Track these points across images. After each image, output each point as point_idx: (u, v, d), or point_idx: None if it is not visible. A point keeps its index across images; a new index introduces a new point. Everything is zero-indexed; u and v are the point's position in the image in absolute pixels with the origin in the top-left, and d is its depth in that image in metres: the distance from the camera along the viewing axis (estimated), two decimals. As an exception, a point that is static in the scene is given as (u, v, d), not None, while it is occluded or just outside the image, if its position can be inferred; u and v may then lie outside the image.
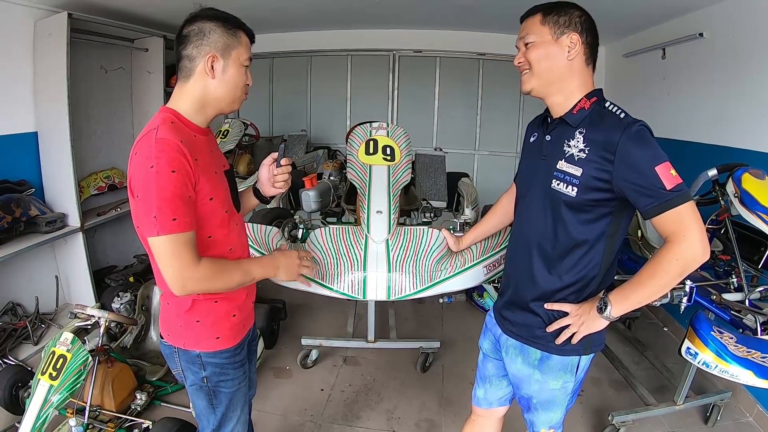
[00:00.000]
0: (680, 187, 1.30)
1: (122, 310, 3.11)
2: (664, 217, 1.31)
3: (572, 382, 1.60)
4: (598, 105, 1.43)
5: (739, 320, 2.11)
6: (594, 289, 1.52)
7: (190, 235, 1.29)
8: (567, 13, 1.42)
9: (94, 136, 4.08)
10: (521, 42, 1.48)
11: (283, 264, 1.61)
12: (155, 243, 1.26)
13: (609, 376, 3.18)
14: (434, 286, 2.32)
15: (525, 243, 1.60)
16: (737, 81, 3.17)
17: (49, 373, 2.18)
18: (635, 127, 1.33)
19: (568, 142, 1.42)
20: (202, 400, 1.57)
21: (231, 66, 1.38)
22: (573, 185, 1.40)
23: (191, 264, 1.29)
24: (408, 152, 2.92)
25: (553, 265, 1.52)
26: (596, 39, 1.47)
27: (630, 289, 1.42)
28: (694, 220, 1.30)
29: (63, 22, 3.16)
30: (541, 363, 1.59)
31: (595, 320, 1.46)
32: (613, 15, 3.75)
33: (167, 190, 1.24)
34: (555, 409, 1.66)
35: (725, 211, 2.34)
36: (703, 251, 1.30)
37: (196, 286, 1.33)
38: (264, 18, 4.64)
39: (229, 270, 1.42)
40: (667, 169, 1.30)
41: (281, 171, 1.67)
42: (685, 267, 1.32)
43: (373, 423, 2.77)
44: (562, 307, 1.52)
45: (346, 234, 2.47)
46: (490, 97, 5.77)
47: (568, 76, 1.44)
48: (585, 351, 1.56)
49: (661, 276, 1.35)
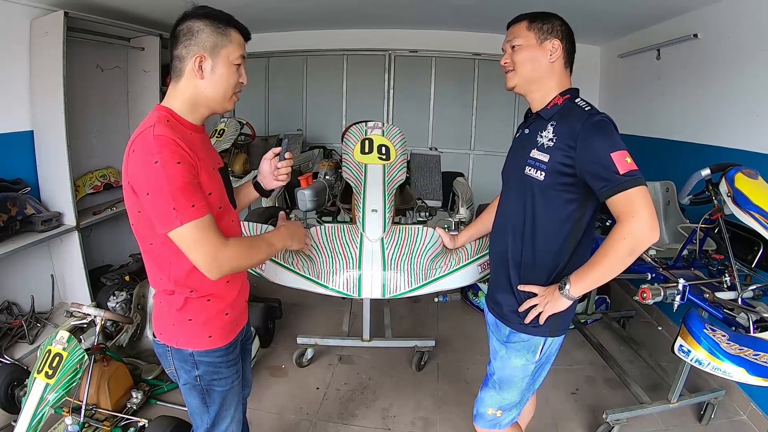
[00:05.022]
0: (633, 173, 1.40)
1: (118, 309, 3.11)
2: (616, 198, 1.41)
3: (533, 364, 1.72)
4: (570, 101, 1.57)
5: (732, 318, 2.12)
6: (561, 270, 1.64)
7: (210, 218, 1.31)
8: (550, 22, 1.59)
9: (90, 135, 4.07)
10: (508, 45, 1.66)
11: (294, 232, 1.71)
12: (181, 233, 1.27)
13: (603, 374, 3.20)
14: (429, 284, 2.33)
15: (502, 227, 1.77)
16: (731, 81, 3.19)
17: (45, 372, 2.18)
18: (596, 118, 1.47)
19: (540, 134, 1.58)
20: (196, 399, 1.57)
21: (220, 65, 1.37)
22: (542, 170, 1.55)
23: (221, 244, 1.32)
24: (403, 151, 2.93)
25: (525, 247, 1.66)
26: (573, 46, 1.64)
27: (586, 269, 1.53)
28: (643, 202, 1.39)
29: (59, 21, 3.15)
30: (508, 340, 1.73)
31: (558, 300, 1.58)
32: (608, 16, 3.76)
33: (177, 180, 1.24)
34: (511, 389, 1.78)
35: (718, 210, 2.35)
36: (650, 231, 1.39)
37: (230, 264, 1.35)
38: (260, 17, 4.63)
39: (257, 244, 1.49)
40: (623, 156, 1.41)
41: (285, 164, 1.71)
42: (634, 245, 1.41)
43: (368, 421, 2.77)
44: (532, 288, 1.65)
45: (341, 232, 2.48)
46: (485, 97, 5.79)
47: (548, 77, 1.60)
48: (550, 333, 1.68)
49: (612, 254, 1.44)
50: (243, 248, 1.40)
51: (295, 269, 2.38)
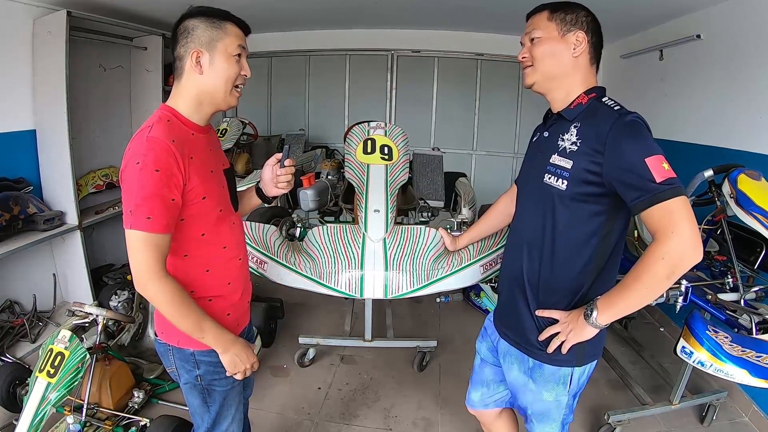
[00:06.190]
0: (672, 180, 1.21)
1: (120, 308, 3.12)
2: (652, 211, 1.22)
3: (566, 396, 1.54)
4: (595, 100, 1.41)
5: (734, 320, 2.12)
6: (585, 293, 1.45)
7: (161, 238, 1.27)
8: (574, 12, 1.43)
9: (92, 134, 4.08)
10: (527, 37, 1.48)
11: (237, 353, 1.47)
12: (127, 236, 1.27)
13: (605, 375, 3.19)
14: (431, 285, 2.33)
15: (518, 243, 1.57)
16: (734, 82, 3.18)
17: (46, 371, 2.18)
18: (628, 118, 1.29)
19: (562, 136, 1.40)
20: (197, 399, 1.57)
21: (218, 58, 1.36)
22: (564, 178, 1.36)
23: (155, 272, 1.28)
24: (405, 152, 2.93)
25: (543, 267, 1.47)
26: (601, 39, 1.47)
27: (616, 294, 1.34)
28: (685, 216, 1.19)
29: (62, 20, 3.15)
30: (533, 372, 1.55)
31: (584, 328, 1.39)
32: (610, 16, 3.72)
33: (147, 188, 1.24)
34: (550, 422, 1.61)
35: (721, 211, 2.35)
36: (693, 250, 1.19)
37: (153, 294, 1.30)
38: (262, 17, 4.64)
39: (188, 310, 1.35)
40: (659, 161, 1.22)
41: (285, 172, 1.64)
42: (673, 267, 1.21)
43: (370, 421, 2.77)
44: (552, 314, 1.47)
45: (343, 232, 2.48)
46: (487, 97, 5.79)
47: (571, 73, 1.43)
48: (577, 362, 1.49)
49: (647, 278, 1.24)
50: (173, 296, 1.31)
51: (297, 269, 2.39)
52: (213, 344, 1.42)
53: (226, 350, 1.45)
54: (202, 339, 1.40)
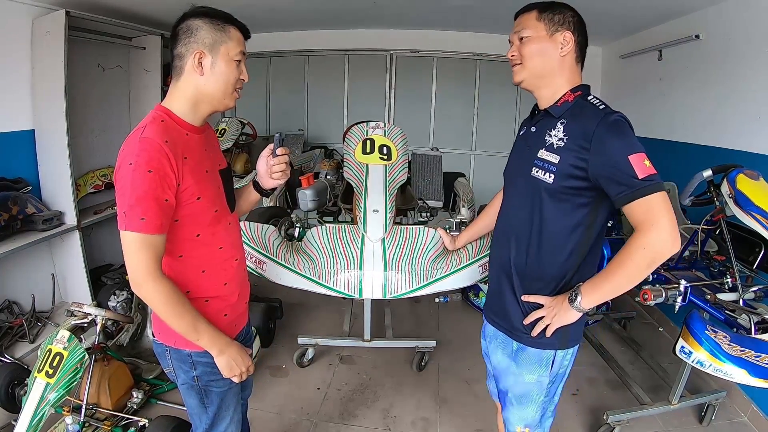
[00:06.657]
0: (653, 177, 1.30)
1: (119, 309, 3.11)
2: (634, 205, 1.32)
3: (547, 377, 1.62)
4: (581, 98, 1.47)
5: (733, 320, 2.12)
6: (569, 280, 1.54)
7: (156, 238, 1.28)
8: (561, 12, 1.48)
9: (91, 134, 4.07)
10: (515, 36, 1.54)
11: (232, 356, 1.47)
12: (123, 237, 1.27)
13: (604, 375, 3.20)
14: (430, 285, 2.34)
15: (505, 233, 1.65)
16: (732, 83, 3.19)
17: (45, 371, 2.18)
18: (612, 117, 1.36)
19: (549, 132, 1.47)
20: (194, 399, 1.57)
21: (220, 61, 1.36)
22: (551, 172, 1.44)
23: (150, 273, 1.28)
24: (404, 152, 2.93)
25: (530, 255, 1.55)
26: (586, 39, 1.53)
27: (600, 279, 1.43)
28: (664, 210, 1.30)
29: (61, 20, 3.15)
30: (517, 355, 1.63)
31: (567, 312, 1.47)
32: (609, 16, 3.76)
33: (140, 188, 1.23)
34: (529, 404, 1.67)
35: (720, 211, 2.35)
36: (671, 241, 1.30)
37: (148, 294, 1.31)
38: (261, 17, 4.63)
39: (183, 311, 1.35)
40: (641, 159, 1.31)
41: (278, 161, 1.61)
42: (653, 257, 1.32)
43: (369, 421, 2.77)
44: (538, 299, 1.55)
45: (342, 233, 2.48)
46: (486, 97, 5.79)
47: (558, 71, 1.50)
48: (561, 345, 1.58)
49: (629, 265, 1.35)
50: (168, 297, 1.31)
51: (296, 269, 2.39)
52: (208, 346, 1.43)
53: (222, 353, 1.45)
54: (197, 341, 1.40)
